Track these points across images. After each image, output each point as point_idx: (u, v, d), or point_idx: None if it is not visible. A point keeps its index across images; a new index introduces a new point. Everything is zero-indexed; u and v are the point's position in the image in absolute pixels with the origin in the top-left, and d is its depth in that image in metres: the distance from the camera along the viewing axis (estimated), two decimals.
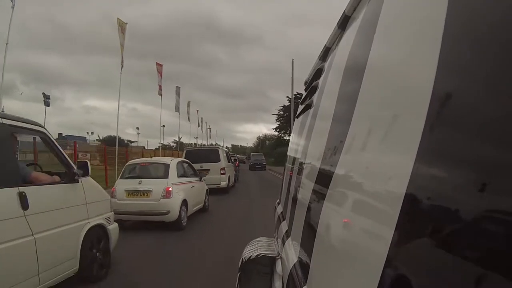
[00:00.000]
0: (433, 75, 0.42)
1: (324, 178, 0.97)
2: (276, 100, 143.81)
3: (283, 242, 1.60)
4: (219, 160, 12.57)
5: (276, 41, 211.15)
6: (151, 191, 6.37)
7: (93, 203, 3.86)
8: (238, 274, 1.88)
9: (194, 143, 46.57)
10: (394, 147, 0.54)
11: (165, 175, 6.71)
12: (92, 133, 51.62)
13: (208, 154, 12.74)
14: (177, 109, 29.63)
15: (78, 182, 3.63)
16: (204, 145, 39.39)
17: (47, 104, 26.14)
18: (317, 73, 1.65)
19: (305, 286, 0.94)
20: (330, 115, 1.07)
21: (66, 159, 3.62)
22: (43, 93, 26.40)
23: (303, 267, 1.04)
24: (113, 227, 4.26)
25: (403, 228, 0.44)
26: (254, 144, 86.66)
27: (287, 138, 42.32)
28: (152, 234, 6.09)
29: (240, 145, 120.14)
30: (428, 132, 0.42)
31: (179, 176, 7.08)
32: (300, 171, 1.61)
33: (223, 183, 12.52)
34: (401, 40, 0.61)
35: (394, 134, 0.55)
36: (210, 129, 66.11)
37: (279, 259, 1.68)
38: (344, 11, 1.16)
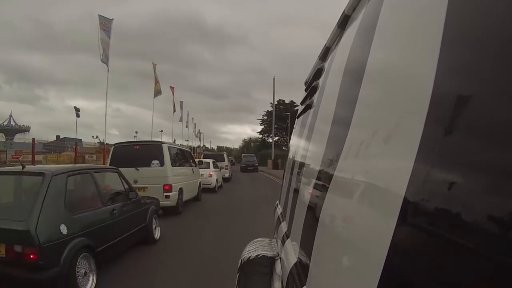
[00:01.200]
0: (433, 75, 0.42)
1: (324, 179, 0.97)
2: (260, 101, 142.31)
3: (283, 243, 1.60)
4: (224, 160, 19.95)
5: (260, 41, 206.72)
6: (203, 174, 13.63)
7: (198, 173, 11.40)
8: (238, 275, 1.88)
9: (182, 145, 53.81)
10: (394, 147, 0.54)
11: (208, 167, 14.09)
12: (98, 136, 54.96)
13: (217, 156, 20.11)
14: (181, 119, 36.75)
15: (196, 166, 11.24)
16: (213, 149, 45.94)
17: (77, 116, 31.65)
18: (317, 73, 1.65)
19: (304, 287, 0.94)
20: (331, 115, 1.07)
21: (193, 158, 11.21)
22: (75, 107, 31.60)
23: (303, 267, 1.03)
24: (201, 185, 11.75)
25: (402, 229, 0.44)
26: (240, 146, 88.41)
27: (270, 141, 47.77)
28: (206, 193, 13.30)
29: (225, 147, 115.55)
30: (428, 132, 0.42)
31: (213, 167, 14.45)
32: (300, 172, 1.60)
33: (227, 175, 19.86)
34: (401, 40, 0.61)
35: (394, 134, 0.55)
36: (201, 133, 72.63)
37: (279, 260, 1.67)
38: (344, 10, 1.16)
